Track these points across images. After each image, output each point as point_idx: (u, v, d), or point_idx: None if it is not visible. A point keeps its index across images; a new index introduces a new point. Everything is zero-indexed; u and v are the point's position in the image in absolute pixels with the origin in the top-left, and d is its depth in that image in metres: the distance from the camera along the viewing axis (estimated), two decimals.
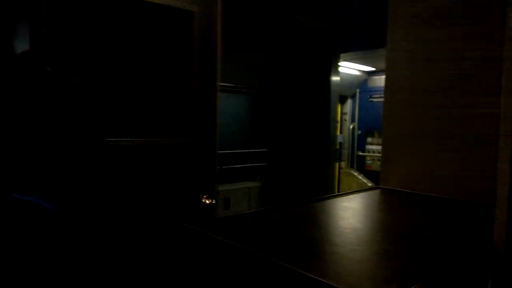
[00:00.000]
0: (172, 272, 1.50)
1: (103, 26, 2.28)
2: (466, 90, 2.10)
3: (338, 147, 6.92)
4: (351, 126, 7.84)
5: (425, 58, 2.28)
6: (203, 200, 2.58)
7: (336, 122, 6.20)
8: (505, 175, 1.36)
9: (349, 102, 7.89)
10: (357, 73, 7.44)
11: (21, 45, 2.07)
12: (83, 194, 2.03)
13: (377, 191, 2.40)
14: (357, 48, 5.92)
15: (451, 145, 2.16)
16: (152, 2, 2.38)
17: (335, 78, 5.61)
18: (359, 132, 7.78)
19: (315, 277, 1.03)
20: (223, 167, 4.49)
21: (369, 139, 7.65)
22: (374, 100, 7.44)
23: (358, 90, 7.76)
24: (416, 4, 2.33)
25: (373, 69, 7.29)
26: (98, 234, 2.06)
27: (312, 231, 1.55)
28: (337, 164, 6.81)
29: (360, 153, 7.73)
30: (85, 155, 2.05)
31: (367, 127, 7.62)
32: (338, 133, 7.22)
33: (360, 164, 7.75)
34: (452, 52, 2.16)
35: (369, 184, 7.01)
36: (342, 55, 5.90)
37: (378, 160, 6.29)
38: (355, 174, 7.58)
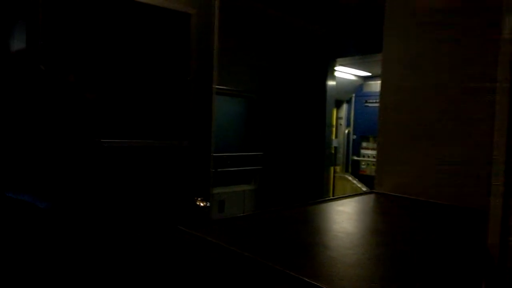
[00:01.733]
0: (165, 274, 1.49)
1: (101, 27, 2.27)
2: (462, 94, 2.11)
3: (333, 151, 6.93)
4: (347, 131, 7.86)
5: (421, 63, 2.30)
6: (198, 203, 2.58)
7: (332, 126, 6.21)
8: (499, 180, 1.36)
9: (344, 106, 7.91)
10: (353, 78, 7.47)
11: (18, 44, 2.06)
12: (77, 194, 2.02)
13: (371, 196, 2.40)
14: (353, 53, 5.94)
15: (445, 150, 2.16)
16: (149, 4, 2.38)
17: (331, 83, 5.62)
18: (354, 136, 7.80)
19: (309, 280, 1.03)
20: (218, 170, 4.48)
21: (364, 144, 7.67)
22: (370, 105, 7.46)
23: (353, 95, 7.78)
24: (412, 10, 2.34)
25: (369, 74, 7.32)
26: (92, 234, 2.05)
27: (306, 235, 1.55)
28: (332, 168, 6.81)
29: (355, 158, 7.74)
30: (79, 154, 2.05)
31: (362, 131, 7.64)
32: (334, 137, 7.23)
33: (355, 169, 7.76)
34: (447, 57, 2.17)
35: (364, 189, 7.02)
36: (338, 60, 5.92)
37: (373, 164, 6.31)
38: (350, 178, 7.58)
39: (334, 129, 7.32)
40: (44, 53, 2.04)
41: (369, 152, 7.49)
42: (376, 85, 7.16)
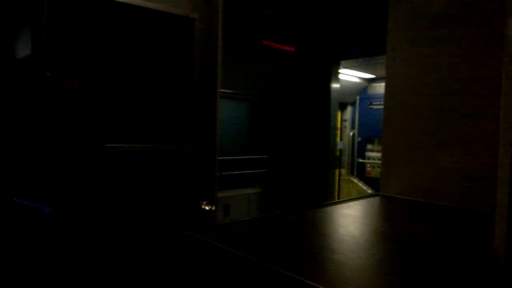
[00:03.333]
0: (171, 278, 1.49)
1: (105, 32, 2.29)
2: (466, 96, 2.11)
3: (338, 154, 6.92)
4: (351, 133, 7.84)
5: (425, 64, 2.29)
6: (203, 207, 2.58)
7: (336, 129, 6.20)
8: (505, 182, 1.36)
9: (349, 109, 7.90)
10: (357, 80, 7.46)
11: (23, 51, 2.08)
12: (82, 199, 2.03)
13: (377, 198, 2.40)
14: (357, 55, 5.94)
15: (451, 153, 2.16)
16: (153, 9, 2.39)
17: (335, 85, 5.62)
18: (359, 139, 7.78)
19: (315, 284, 1.02)
20: (223, 173, 4.48)
21: (369, 146, 7.65)
22: (374, 107, 7.45)
23: (358, 97, 7.77)
24: (415, 11, 2.34)
25: (373, 76, 7.31)
26: (97, 238, 2.06)
27: (312, 238, 1.55)
28: (337, 171, 6.80)
29: (360, 160, 7.72)
30: (84, 160, 2.06)
31: (367, 134, 7.62)
32: (338, 140, 7.21)
33: (360, 171, 7.74)
34: (451, 57, 2.17)
35: (369, 191, 7.00)
36: (342, 62, 5.92)
37: (378, 167, 6.29)
38: (355, 181, 7.57)
39: (338, 131, 7.31)
40: (50, 60, 2.05)
41: (374, 154, 7.47)
42: (380, 87, 7.15)
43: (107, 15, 2.28)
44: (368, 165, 7.63)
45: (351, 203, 2.22)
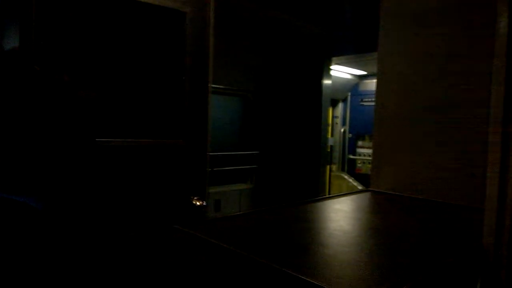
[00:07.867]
0: (162, 274, 1.49)
1: (95, 25, 2.26)
2: (458, 92, 2.12)
3: (329, 150, 6.94)
4: (342, 130, 7.87)
5: (416, 61, 2.30)
6: (194, 202, 2.57)
7: (328, 125, 6.22)
8: (494, 178, 1.37)
9: (340, 105, 7.92)
10: (349, 76, 7.48)
11: (11, 44, 2.05)
12: (71, 194, 2.02)
13: (367, 194, 2.41)
14: (349, 52, 5.95)
15: (440, 149, 2.17)
16: (144, 2, 2.37)
17: (326, 82, 5.63)
18: (350, 135, 7.81)
19: (306, 279, 1.03)
20: (214, 169, 4.48)
21: (360, 143, 7.69)
22: (365, 104, 7.48)
23: (349, 94, 7.80)
24: (407, 8, 2.35)
25: (365, 73, 7.33)
26: (87, 233, 2.04)
27: (303, 233, 1.55)
28: (328, 167, 6.82)
29: (351, 156, 7.76)
30: (74, 154, 2.04)
31: (358, 130, 7.66)
32: (329, 136, 7.23)
33: (350, 167, 7.78)
34: (442, 54, 2.18)
35: (360, 188, 7.03)
36: (334, 58, 5.92)
37: (369, 163, 6.32)
38: (346, 177, 7.60)
39: (330, 128, 7.33)
40: (39, 54, 2.03)
41: (365, 150, 7.51)
42: (371, 84, 7.17)
43: (98, 8, 2.26)
44: (359, 161, 7.67)
45: (342, 198, 2.23)
